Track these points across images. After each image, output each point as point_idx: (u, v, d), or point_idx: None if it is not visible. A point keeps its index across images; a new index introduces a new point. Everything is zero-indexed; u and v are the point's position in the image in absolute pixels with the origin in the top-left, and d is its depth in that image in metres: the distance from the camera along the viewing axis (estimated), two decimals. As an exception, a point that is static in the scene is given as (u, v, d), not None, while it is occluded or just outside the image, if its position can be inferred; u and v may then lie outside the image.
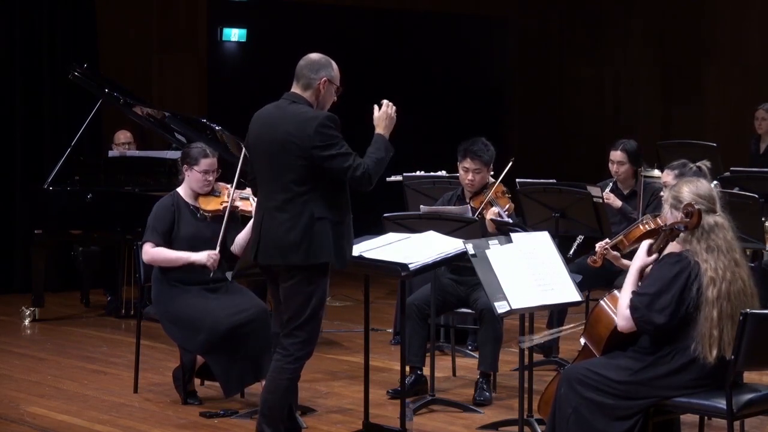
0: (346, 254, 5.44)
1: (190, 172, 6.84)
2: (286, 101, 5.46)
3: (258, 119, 5.53)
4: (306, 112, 5.36)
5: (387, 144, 5.47)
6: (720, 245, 4.87)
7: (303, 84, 5.45)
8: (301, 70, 5.47)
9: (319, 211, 5.31)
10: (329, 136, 5.29)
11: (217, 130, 9.11)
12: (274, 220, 5.38)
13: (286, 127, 5.35)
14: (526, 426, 5.95)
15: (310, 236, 5.30)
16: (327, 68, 5.47)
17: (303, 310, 5.38)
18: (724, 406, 4.76)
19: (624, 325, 4.90)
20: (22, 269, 10.62)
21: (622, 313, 4.90)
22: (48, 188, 9.39)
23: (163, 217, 6.77)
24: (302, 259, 5.32)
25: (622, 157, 7.87)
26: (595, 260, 5.76)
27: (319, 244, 5.31)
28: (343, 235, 5.40)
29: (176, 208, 6.79)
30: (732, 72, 12.99)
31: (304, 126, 5.30)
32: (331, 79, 5.46)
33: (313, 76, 5.44)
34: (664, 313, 4.80)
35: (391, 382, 7.17)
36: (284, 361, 5.44)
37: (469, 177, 7.26)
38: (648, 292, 4.85)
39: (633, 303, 4.87)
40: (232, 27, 13.10)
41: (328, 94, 5.48)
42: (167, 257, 6.68)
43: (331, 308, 9.57)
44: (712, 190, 5.02)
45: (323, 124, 5.29)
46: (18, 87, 10.94)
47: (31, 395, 7.08)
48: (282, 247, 5.35)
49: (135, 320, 7.54)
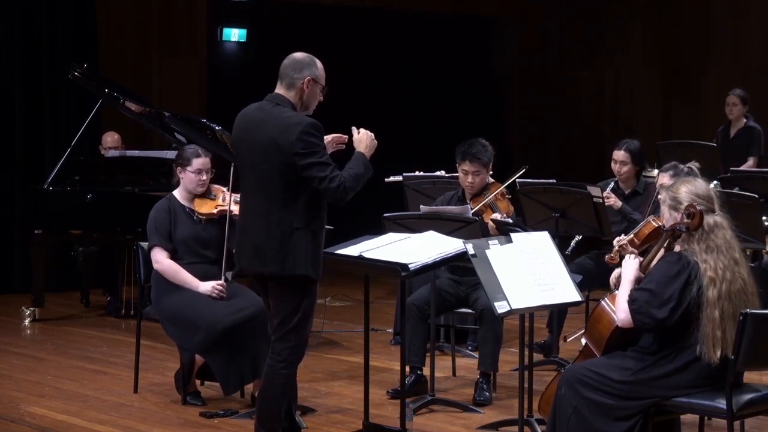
0: (320, 266, 5.38)
1: (184, 173, 6.85)
2: (269, 103, 5.37)
3: (240, 121, 5.44)
4: (290, 117, 5.27)
5: (366, 163, 5.40)
6: (719, 245, 4.87)
7: (286, 84, 5.37)
8: (285, 69, 5.39)
9: (298, 221, 5.26)
10: (311, 143, 5.21)
11: (217, 130, 9.11)
12: (254, 225, 5.34)
13: (269, 131, 5.27)
14: (526, 426, 5.94)
15: (287, 246, 5.25)
16: (311, 67, 5.38)
17: (293, 315, 5.36)
18: (724, 406, 4.77)
19: (623, 318, 4.89)
20: (22, 269, 10.62)
21: (621, 307, 4.90)
22: (48, 188, 9.38)
23: (162, 219, 6.78)
24: (279, 269, 5.28)
25: (625, 156, 7.87)
26: (612, 257, 5.79)
27: (295, 255, 5.26)
28: (319, 246, 5.35)
29: (172, 211, 6.80)
30: (732, 72, 12.98)
31: (287, 131, 5.22)
32: (315, 78, 5.37)
33: (297, 75, 5.35)
34: (664, 307, 4.80)
35: (391, 382, 7.17)
36: (278, 366, 5.42)
37: (469, 179, 7.25)
38: (648, 287, 4.86)
39: (632, 296, 4.88)
40: (232, 27, 13.11)
41: (313, 93, 5.39)
42: (178, 277, 6.69)
43: (331, 308, 9.58)
44: (709, 189, 5.03)
45: (307, 131, 5.21)
46: (18, 87, 10.94)
47: (31, 395, 7.08)
48: (261, 255, 5.31)
49: (135, 320, 7.54)
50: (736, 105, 10.92)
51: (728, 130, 11.03)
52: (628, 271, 5.03)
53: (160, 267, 6.74)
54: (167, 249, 6.74)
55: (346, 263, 5.72)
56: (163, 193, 7.21)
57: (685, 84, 13.78)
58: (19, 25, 10.90)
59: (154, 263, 6.77)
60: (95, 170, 9.95)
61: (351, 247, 5.79)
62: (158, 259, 6.75)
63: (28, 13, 10.95)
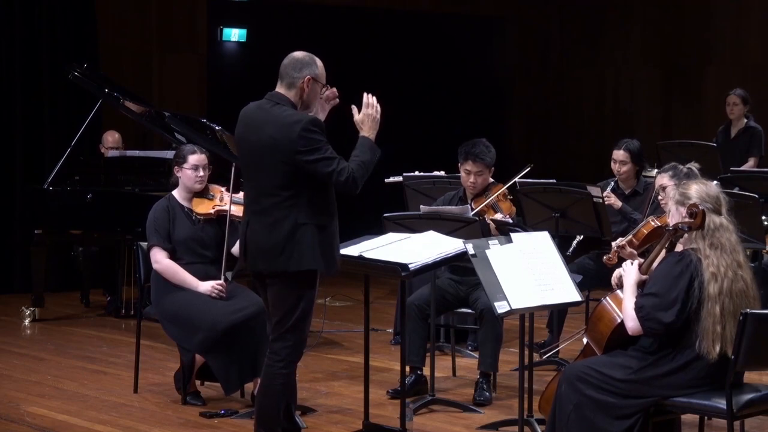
0: (335, 259, 5.36)
1: (181, 171, 6.86)
2: (269, 102, 5.36)
3: (242, 120, 5.44)
4: (290, 115, 5.26)
5: (372, 146, 5.35)
6: (723, 244, 4.89)
7: (286, 83, 5.36)
8: (285, 68, 5.37)
9: (303, 217, 5.24)
10: (313, 140, 5.20)
11: (217, 130, 9.11)
12: (258, 224, 5.33)
13: (269, 130, 5.26)
14: (526, 426, 5.94)
15: (292, 243, 5.23)
16: (311, 66, 5.36)
17: (291, 314, 5.34)
18: (724, 406, 4.77)
19: (632, 327, 4.90)
20: (22, 269, 10.61)
21: (629, 315, 4.91)
22: (48, 188, 9.38)
23: (161, 219, 6.79)
24: (285, 265, 5.27)
25: (625, 156, 7.86)
26: (611, 258, 5.78)
27: (301, 250, 5.24)
28: (330, 240, 5.32)
29: (171, 211, 6.81)
30: (732, 72, 12.98)
31: (287, 130, 5.21)
32: (315, 77, 5.36)
33: (297, 74, 5.33)
34: (671, 311, 4.81)
35: (391, 382, 7.17)
36: (276, 366, 5.40)
37: (471, 180, 7.25)
38: (653, 291, 4.87)
39: (638, 303, 4.88)
40: (232, 27, 13.11)
41: (313, 92, 5.37)
42: (177, 277, 6.70)
43: (331, 308, 9.58)
44: (719, 192, 5.05)
45: (307, 128, 5.20)
46: (18, 87, 10.93)
47: (31, 395, 7.08)
48: (266, 253, 5.30)
49: (135, 320, 7.54)
50: (737, 105, 10.92)
51: (729, 130, 11.03)
52: (629, 277, 5.04)
53: (160, 267, 6.74)
54: (166, 249, 6.74)
55: (346, 263, 5.72)
56: (164, 193, 7.21)
57: (685, 84, 13.78)
58: (19, 25, 10.90)
59: (154, 263, 6.77)
60: (95, 170, 9.95)
61: (351, 247, 5.79)
62: (157, 259, 6.75)
63: (28, 13, 10.94)
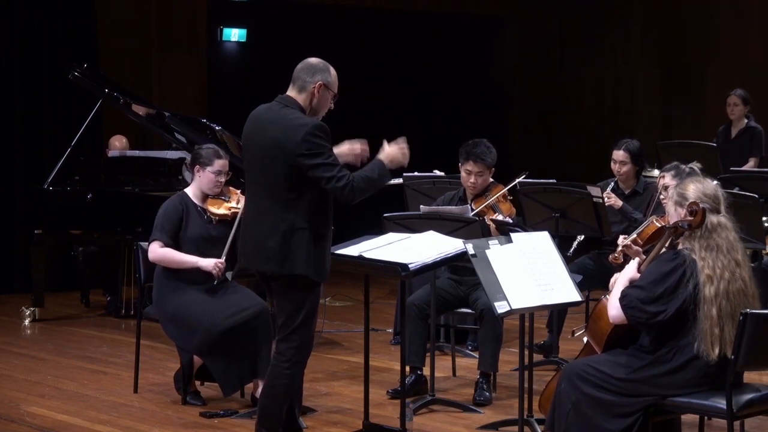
0: (325, 267, 5.37)
1: (203, 172, 6.81)
2: (278, 104, 5.39)
3: (250, 121, 5.47)
4: (296, 119, 5.29)
5: (384, 170, 5.39)
6: (720, 245, 4.88)
7: (298, 86, 5.39)
8: (298, 72, 5.41)
9: (300, 222, 5.26)
10: (316, 144, 5.22)
11: (217, 130, 9.11)
12: (257, 224, 5.35)
13: (274, 132, 5.29)
14: (526, 426, 5.94)
15: (287, 246, 5.25)
16: (324, 73, 5.40)
17: (296, 315, 5.36)
18: (724, 406, 4.77)
19: (614, 314, 4.91)
20: (22, 269, 10.61)
21: (613, 303, 4.92)
22: (48, 188, 9.39)
23: (171, 216, 6.75)
24: (279, 268, 5.28)
25: (625, 156, 7.86)
26: (616, 257, 5.78)
27: (295, 255, 5.25)
28: (323, 248, 5.34)
29: (185, 209, 6.78)
30: (732, 72, 12.98)
31: (292, 133, 5.23)
32: (327, 84, 5.39)
33: (309, 79, 5.37)
34: (655, 303, 4.81)
35: (391, 382, 7.17)
36: (281, 367, 5.41)
37: (472, 180, 7.24)
38: (640, 284, 4.89)
39: (624, 292, 4.90)
40: (232, 27, 13.11)
41: (323, 99, 5.40)
42: (174, 259, 6.68)
43: (331, 308, 9.58)
44: (717, 190, 5.04)
45: (312, 132, 5.22)
46: (18, 87, 10.94)
47: (31, 395, 7.08)
48: (262, 253, 5.32)
49: (135, 320, 7.54)
50: (738, 105, 10.91)
51: (729, 130, 11.03)
52: (625, 272, 5.06)
53: (154, 256, 6.71)
54: (167, 245, 6.72)
55: (346, 263, 5.72)
56: (163, 193, 7.22)
57: (685, 84, 13.77)
58: (19, 26, 10.91)
59: (149, 254, 6.73)
60: (95, 170, 9.95)
61: (351, 247, 5.79)
62: (151, 249, 6.71)
63: (28, 13, 10.95)
